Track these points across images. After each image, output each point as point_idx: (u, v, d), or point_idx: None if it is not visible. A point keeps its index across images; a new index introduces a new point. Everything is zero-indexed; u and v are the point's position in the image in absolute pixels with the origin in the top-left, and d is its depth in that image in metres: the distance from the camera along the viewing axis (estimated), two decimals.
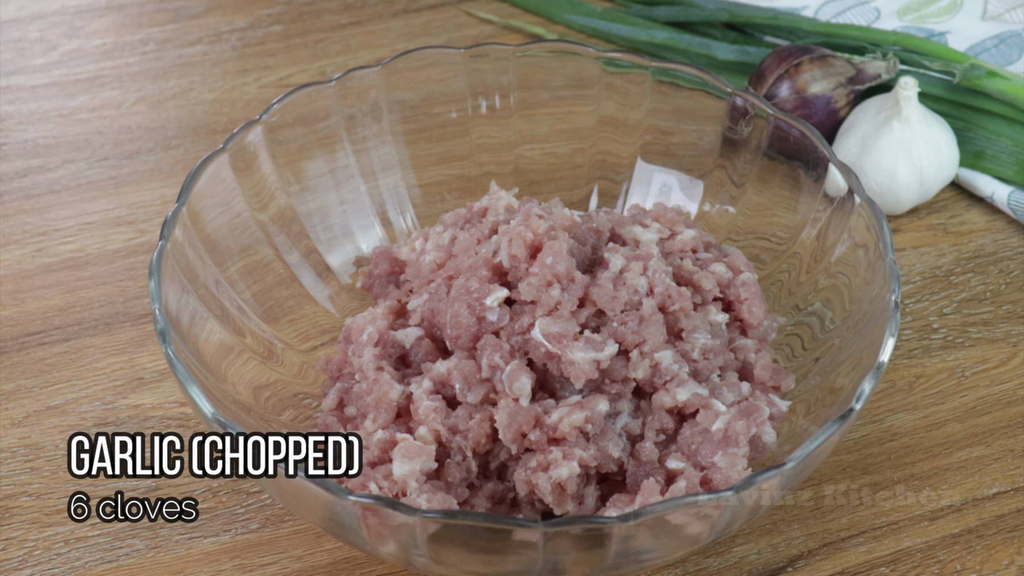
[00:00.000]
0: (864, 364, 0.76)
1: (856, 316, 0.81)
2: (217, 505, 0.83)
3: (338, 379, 0.83)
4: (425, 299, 0.82)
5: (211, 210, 0.85)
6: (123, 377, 0.91)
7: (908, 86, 0.99)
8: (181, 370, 0.72)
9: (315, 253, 0.92)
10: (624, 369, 0.78)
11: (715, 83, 0.91)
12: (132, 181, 1.06)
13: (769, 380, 0.82)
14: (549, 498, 0.75)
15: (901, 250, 1.00)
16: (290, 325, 0.89)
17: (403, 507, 0.66)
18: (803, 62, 1.03)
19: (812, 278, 0.87)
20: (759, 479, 0.68)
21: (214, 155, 0.85)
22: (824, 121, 1.03)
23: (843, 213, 0.85)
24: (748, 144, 0.91)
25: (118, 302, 0.96)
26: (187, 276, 0.80)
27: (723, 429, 0.76)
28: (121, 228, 1.02)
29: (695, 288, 0.83)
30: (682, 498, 0.67)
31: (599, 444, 0.76)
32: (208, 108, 1.14)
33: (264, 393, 0.83)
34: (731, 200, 0.94)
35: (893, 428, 0.87)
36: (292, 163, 0.92)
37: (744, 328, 0.84)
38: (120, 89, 1.16)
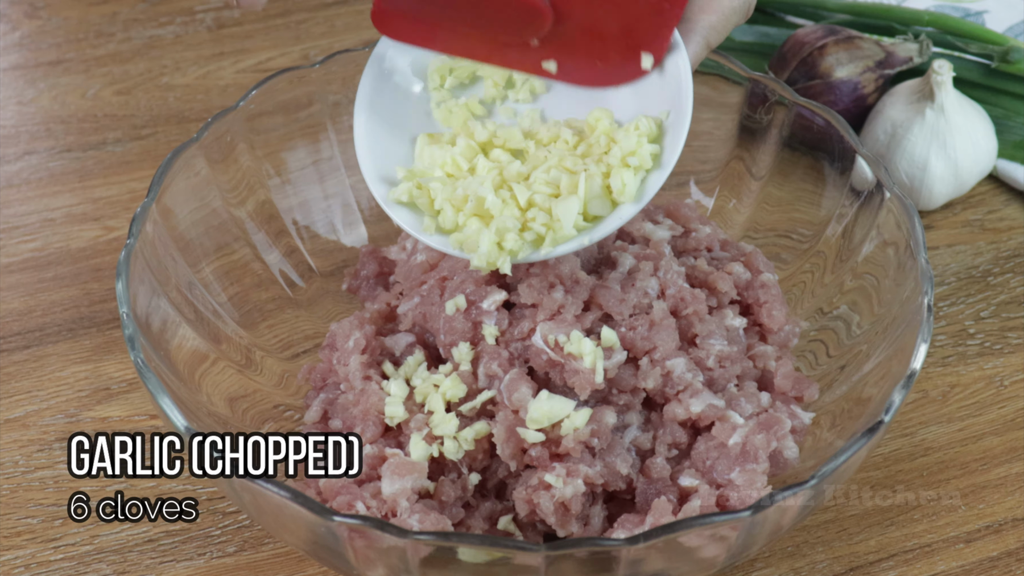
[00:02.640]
0: (894, 373, 0.76)
1: (885, 320, 0.81)
2: (191, 526, 0.83)
3: (322, 389, 0.83)
4: (416, 302, 0.82)
5: (184, 205, 0.85)
6: (88, 387, 0.91)
7: (942, 70, 0.99)
8: (151, 379, 0.72)
9: (297, 252, 0.92)
10: (633, 378, 0.78)
11: (732, 67, 0.91)
12: (98, 174, 1.07)
13: (791, 390, 0.82)
14: (552, 519, 0.75)
15: (934, 249, 1.00)
16: (269, 331, 0.89)
17: (393, 528, 0.66)
18: (828, 44, 1.03)
19: (837, 279, 0.87)
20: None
21: (187, 145, 0.85)
22: (850, 108, 1.03)
23: (871, 208, 0.85)
24: (768, 133, 0.92)
25: (83, 306, 0.96)
26: (158, 277, 0.80)
27: (741, 444, 0.76)
28: (86, 225, 1.02)
29: (710, 290, 0.83)
30: (696, 518, 0.67)
31: (606, 460, 0.76)
32: (181, 94, 1.14)
33: (241, 404, 0.83)
34: (749, 194, 0.94)
35: (926, 442, 0.88)
36: (272, 154, 0.92)
37: (764, 333, 0.84)
38: (85, 74, 1.16)
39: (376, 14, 0.76)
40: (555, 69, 0.78)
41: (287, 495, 0.67)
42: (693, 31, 0.77)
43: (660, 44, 0.76)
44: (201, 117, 1.11)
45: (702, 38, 0.77)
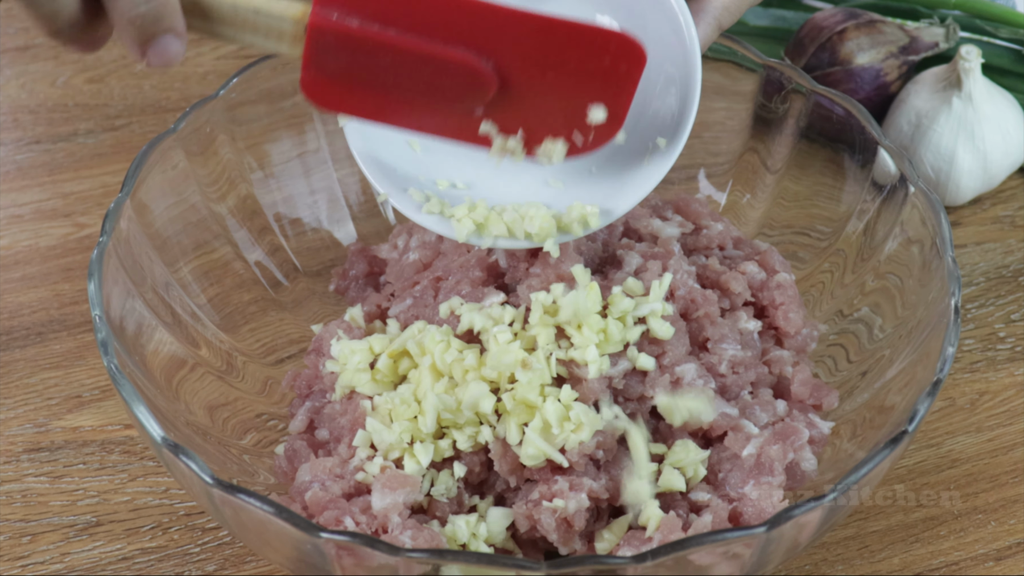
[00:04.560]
0: (919, 379, 0.76)
1: (910, 323, 0.81)
2: (168, 543, 0.83)
3: (308, 397, 0.84)
4: (409, 304, 0.82)
5: (160, 201, 0.85)
6: (58, 395, 0.91)
7: (970, 56, 0.99)
8: (126, 387, 0.72)
9: (281, 251, 0.92)
10: (640, 386, 0.78)
11: (746, 53, 0.91)
12: (69, 167, 1.07)
13: (809, 398, 0.82)
14: (553, 535, 0.75)
15: (962, 247, 1.00)
16: (252, 334, 0.89)
17: (384, 546, 0.66)
18: (848, 29, 1.04)
19: (858, 279, 0.87)
20: (797, 513, 0.68)
21: (164, 137, 0.85)
22: (872, 97, 1.03)
23: (894, 204, 0.85)
24: (784, 124, 0.92)
25: (52, 308, 0.96)
26: (133, 277, 0.80)
27: (755, 455, 0.76)
28: (56, 222, 1.02)
29: (723, 291, 0.83)
30: (708, 535, 0.67)
31: (611, 473, 0.77)
32: (157, 82, 1.14)
33: (222, 413, 0.83)
34: (764, 189, 0.94)
35: (953, 453, 0.88)
36: (254, 146, 0.92)
37: (780, 337, 0.84)
38: (55, 60, 1.16)
39: (306, 83, 0.72)
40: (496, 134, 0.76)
41: (271, 510, 0.67)
42: (704, 10, 0.77)
43: (617, 102, 0.74)
44: (179, 107, 1.11)
45: (713, 18, 0.77)
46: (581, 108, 0.74)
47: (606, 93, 0.74)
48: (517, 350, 0.75)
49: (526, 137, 0.75)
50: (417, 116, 0.75)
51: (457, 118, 0.75)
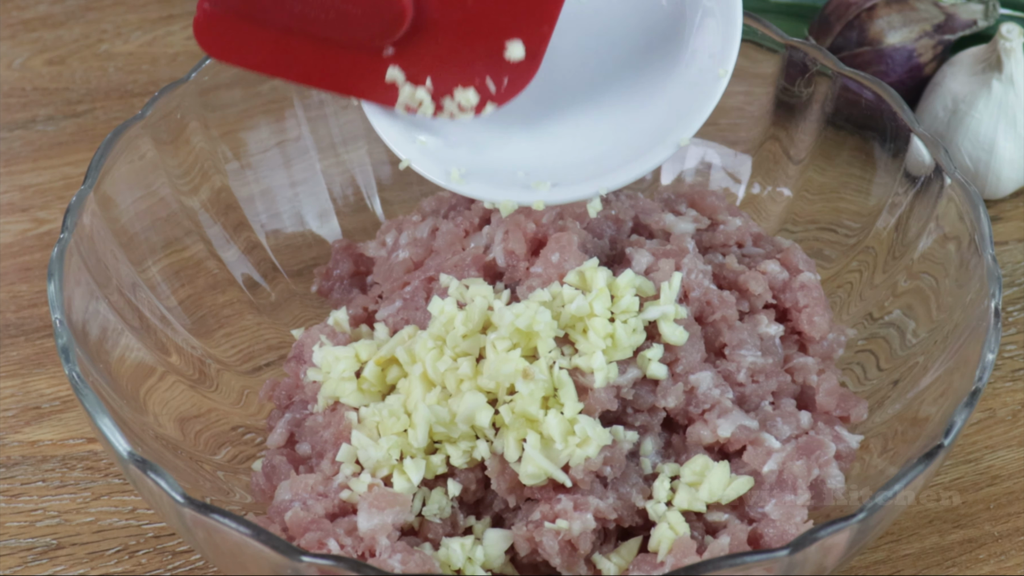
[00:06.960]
0: (956, 389, 0.76)
1: (946, 328, 0.81)
2: (135, 568, 0.83)
3: (287, 408, 0.84)
4: (398, 307, 0.82)
5: (127, 194, 0.85)
6: (15, 406, 0.91)
7: (1011, 35, 0.99)
8: (89, 397, 0.72)
9: (259, 248, 0.92)
10: (651, 395, 0.78)
11: (767, 32, 0.91)
12: (26, 157, 1.07)
13: (835, 409, 0.82)
14: (556, 559, 0.75)
15: (1003, 244, 1.00)
16: (227, 340, 0.89)
17: (371, 570, 0.66)
18: (878, 5, 1.04)
19: (890, 279, 0.88)
20: (822, 535, 0.68)
21: (130, 124, 0.85)
22: (904, 80, 1.04)
23: (929, 197, 0.85)
24: (808, 109, 0.92)
25: (8, 311, 0.96)
26: (97, 278, 0.80)
27: (777, 471, 0.76)
28: (12, 217, 1.02)
29: (741, 292, 0.83)
30: (725, 559, 0.67)
31: (619, 491, 0.77)
32: (123, 64, 1.14)
33: (194, 426, 0.83)
34: (787, 180, 0.94)
35: (993, 469, 0.88)
36: (229, 134, 0.92)
37: (803, 343, 0.84)
38: (11, 40, 1.16)
39: (199, 24, 0.71)
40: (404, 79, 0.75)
41: (247, 531, 0.67)
42: None
43: (536, 35, 0.73)
44: (147, 91, 1.12)
45: None
46: (497, 45, 0.73)
47: (525, 24, 0.73)
48: (517, 359, 0.75)
49: (435, 86, 0.75)
50: (319, 63, 0.74)
51: (363, 64, 0.74)
